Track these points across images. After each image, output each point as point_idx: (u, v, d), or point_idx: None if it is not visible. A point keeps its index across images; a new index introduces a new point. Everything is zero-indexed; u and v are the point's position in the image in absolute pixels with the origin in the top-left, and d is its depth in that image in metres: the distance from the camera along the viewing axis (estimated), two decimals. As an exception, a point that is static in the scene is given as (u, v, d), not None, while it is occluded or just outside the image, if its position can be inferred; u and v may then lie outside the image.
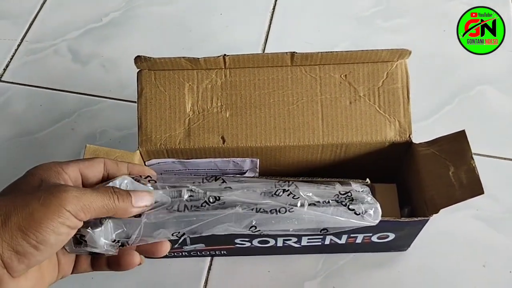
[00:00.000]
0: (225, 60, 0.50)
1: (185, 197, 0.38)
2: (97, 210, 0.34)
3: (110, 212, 0.35)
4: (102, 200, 0.34)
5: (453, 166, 0.46)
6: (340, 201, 0.40)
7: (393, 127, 0.50)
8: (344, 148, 0.51)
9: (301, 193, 0.40)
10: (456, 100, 0.67)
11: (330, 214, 0.39)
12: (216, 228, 0.38)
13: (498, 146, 0.63)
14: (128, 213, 0.36)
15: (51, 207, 0.31)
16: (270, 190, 0.40)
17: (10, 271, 0.31)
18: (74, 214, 0.32)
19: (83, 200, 0.33)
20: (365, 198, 0.41)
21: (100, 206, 0.34)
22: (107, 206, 0.34)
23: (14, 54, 0.74)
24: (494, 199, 0.59)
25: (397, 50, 0.49)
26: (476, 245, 0.57)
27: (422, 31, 0.74)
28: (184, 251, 0.54)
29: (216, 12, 0.78)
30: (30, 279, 0.34)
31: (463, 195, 0.44)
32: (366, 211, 0.40)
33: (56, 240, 0.32)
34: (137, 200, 0.36)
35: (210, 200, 0.38)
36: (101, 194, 0.34)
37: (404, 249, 0.56)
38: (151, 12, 0.78)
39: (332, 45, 0.73)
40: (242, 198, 0.39)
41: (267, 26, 0.76)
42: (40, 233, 0.31)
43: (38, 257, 0.32)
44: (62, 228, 0.32)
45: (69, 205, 0.32)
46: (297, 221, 0.39)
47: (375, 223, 0.40)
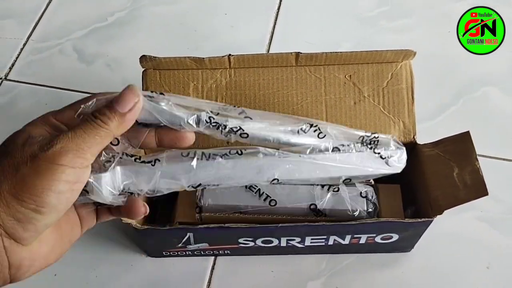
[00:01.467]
0: (229, 60, 0.50)
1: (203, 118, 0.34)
2: (92, 147, 0.30)
3: (108, 138, 0.31)
4: (89, 133, 0.30)
5: (458, 167, 0.46)
6: (366, 144, 0.38)
7: (397, 128, 0.50)
8: (348, 148, 0.51)
9: (328, 130, 0.37)
10: (460, 101, 0.67)
11: (354, 160, 0.37)
12: (235, 180, 0.36)
13: (503, 147, 0.63)
14: (127, 124, 0.32)
15: (41, 167, 0.29)
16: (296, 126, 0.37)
17: (19, 240, 0.29)
18: (69, 165, 0.29)
19: (70, 146, 0.29)
20: (390, 143, 0.39)
21: (92, 141, 0.30)
22: (99, 135, 0.31)
23: (20, 53, 0.75)
24: (499, 200, 0.59)
25: (402, 51, 0.49)
26: (480, 247, 0.56)
27: (426, 31, 0.74)
28: (187, 250, 0.54)
29: (221, 12, 0.78)
30: (46, 242, 0.32)
31: (468, 196, 0.44)
32: (391, 155, 0.38)
33: (58, 200, 0.29)
34: (121, 105, 0.32)
35: (232, 129, 0.34)
36: (83, 128, 0.30)
37: (408, 250, 0.56)
38: (156, 12, 0.78)
39: (336, 45, 0.73)
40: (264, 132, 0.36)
41: (272, 26, 0.76)
42: (37, 196, 0.29)
43: (44, 221, 0.30)
44: (60, 185, 0.29)
45: (58, 158, 0.29)
46: (319, 170, 0.36)
47: (400, 168, 0.38)
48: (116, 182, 0.33)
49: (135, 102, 0.32)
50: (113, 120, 0.31)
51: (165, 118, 0.34)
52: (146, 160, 0.35)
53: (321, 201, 0.49)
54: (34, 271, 0.32)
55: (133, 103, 0.32)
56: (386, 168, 0.37)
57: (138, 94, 0.32)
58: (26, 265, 0.31)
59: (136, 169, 0.33)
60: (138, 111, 0.32)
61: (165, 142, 0.36)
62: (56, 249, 0.33)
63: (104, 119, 0.31)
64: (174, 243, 0.52)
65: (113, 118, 0.31)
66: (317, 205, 0.49)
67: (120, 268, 0.56)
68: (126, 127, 0.32)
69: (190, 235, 0.50)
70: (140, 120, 0.34)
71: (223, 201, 0.49)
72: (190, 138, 0.36)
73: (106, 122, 0.31)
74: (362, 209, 0.48)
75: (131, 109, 0.32)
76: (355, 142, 0.37)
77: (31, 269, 0.31)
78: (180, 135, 0.35)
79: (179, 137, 0.35)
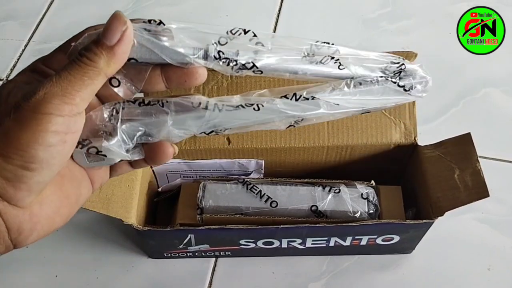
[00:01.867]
0: (231, 62, 0.50)
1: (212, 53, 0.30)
2: (81, 90, 0.27)
3: (99, 77, 0.27)
4: (75, 75, 0.27)
5: (459, 168, 0.46)
6: (390, 76, 0.35)
7: (398, 130, 0.50)
8: (349, 150, 0.51)
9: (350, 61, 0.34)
10: (461, 103, 0.67)
11: (375, 94, 0.34)
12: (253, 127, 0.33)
13: (504, 149, 0.63)
14: (117, 59, 0.28)
15: (25, 118, 0.25)
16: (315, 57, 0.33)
17: (13, 202, 0.27)
18: (56, 113, 0.26)
19: (55, 91, 0.26)
20: (417, 72, 0.36)
21: (80, 83, 0.27)
22: (87, 75, 0.27)
23: (21, 55, 0.75)
24: (500, 202, 0.59)
25: (403, 52, 0.49)
26: (481, 248, 0.56)
27: (427, 33, 0.74)
28: (188, 251, 0.54)
29: (222, 14, 0.78)
30: (48, 203, 0.29)
31: (469, 197, 0.44)
32: (415, 86, 0.36)
33: (48, 153, 0.26)
34: (107, 36, 0.27)
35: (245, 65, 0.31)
36: (68, 70, 0.27)
37: (409, 251, 0.56)
38: (157, 13, 0.78)
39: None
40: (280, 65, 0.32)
41: (273, 27, 0.76)
42: (24, 151, 0.26)
43: (37, 178, 0.27)
44: (48, 137, 0.26)
45: (42, 106, 0.25)
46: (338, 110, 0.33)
47: (422, 96, 0.36)
48: (128, 138, 0.30)
49: (123, 31, 0.27)
50: (101, 56, 0.27)
51: (168, 55, 0.30)
52: (152, 101, 0.31)
53: (322, 203, 0.49)
54: (39, 235, 0.29)
55: (120, 32, 0.27)
56: (408, 98, 0.36)
57: (124, 21, 0.28)
58: (27, 228, 0.28)
59: (145, 116, 0.30)
60: (128, 41, 0.28)
61: (173, 81, 0.32)
62: (62, 210, 0.30)
63: (91, 56, 0.27)
64: (175, 244, 0.52)
65: (100, 53, 0.27)
66: (318, 207, 0.49)
67: (121, 269, 0.56)
68: (118, 63, 0.28)
69: (191, 236, 0.50)
70: (141, 60, 0.30)
71: (224, 202, 0.49)
72: (202, 74, 0.31)
73: (93, 59, 0.27)
74: (363, 211, 0.49)
75: (120, 40, 0.27)
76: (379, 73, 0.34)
77: (34, 233, 0.29)
78: (190, 71, 0.31)
79: (188, 74, 0.31)
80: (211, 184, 0.51)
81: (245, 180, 0.51)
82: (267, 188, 0.50)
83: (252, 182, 0.50)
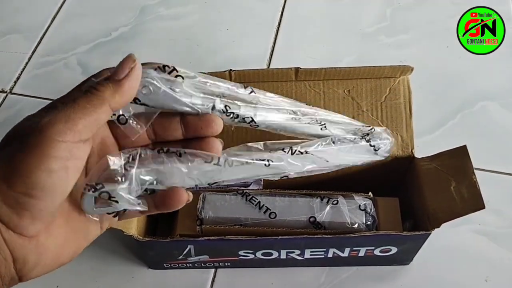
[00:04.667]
0: (231, 75, 0.51)
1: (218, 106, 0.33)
2: (84, 117, 0.27)
3: (103, 107, 0.28)
4: (79, 102, 0.27)
5: (455, 180, 0.46)
6: (362, 135, 0.41)
7: (395, 142, 0.51)
8: (347, 162, 0.52)
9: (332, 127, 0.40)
10: (459, 115, 0.68)
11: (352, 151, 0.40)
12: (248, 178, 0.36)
13: (501, 161, 0.64)
14: (123, 93, 0.29)
15: (29, 143, 0.26)
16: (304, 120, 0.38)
17: (17, 230, 0.27)
18: (58, 138, 0.26)
19: (59, 117, 0.26)
20: (383, 134, 0.42)
21: (83, 110, 0.27)
22: (91, 103, 0.27)
23: (25, 67, 0.76)
24: (497, 214, 0.59)
25: (399, 66, 0.50)
26: (479, 260, 0.57)
27: (425, 46, 0.75)
28: (188, 262, 0.54)
29: (223, 27, 0.79)
30: (54, 236, 0.29)
31: (465, 209, 0.44)
32: (380, 146, 0.41)
33: (51, 179, 0.26)
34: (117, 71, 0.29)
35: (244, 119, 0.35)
36: (73, 97, 0.27)
37: (406, 262, 0.56)
38: (159, 27, 0.80)
39: (336, 60, 0.74)
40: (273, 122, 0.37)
41: (273, 41, 0.77)
42: (27, 177, 0.26)
43: (40, 205, 0.27)
44: (50, 162, 0.26)
45: (45, 131, 0.26)
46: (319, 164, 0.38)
47: (385, 156, 0.42)
48: (138, 184, 0.30)
49: (131, 68, 0.29)
50: (107, 87, 0.28)
51: (180, 105, 0.32)
52: (170, 150, 0.32)
53: (320, 214, 0.49)
54: (44, 268, 0.29)
55: (129, 68, 0.29)
56: (376, 157, 0.42)
57: (134, 60, 0.29)
58: (32, 259, 0.28)
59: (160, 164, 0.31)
60: (135, 78, 0.29)
61: (191, 128, 0.33)
62: (69, 245, 0.30)
63: (98, 86, 0.28)
64: (175, 255, 0.52)
65: (107, 84, 0.28)
66: (316, 218, 0.49)
67: (121, 280, 0.56)
68: (124, 97, 0.29)
69: (191, 247, 0.51)
70: (153, 105, 0.31)
71: (224, 213, 0.50)
72: (218, 124, 0.33)
73: (99, 89, 0.28)
74: (361, 222, 0.49)
75: (128, 75, 0.29)
76: (354, 134, 0.40)
77: (39, 266, 0.29)
78: (206, 119, 0.32)
79: (205, 121, 0.32)
80: (211, 195, 0.51)
81: (244, 191, 0.51)
82: (266, 199, 0.51)
83: (251, 193, 0.51)
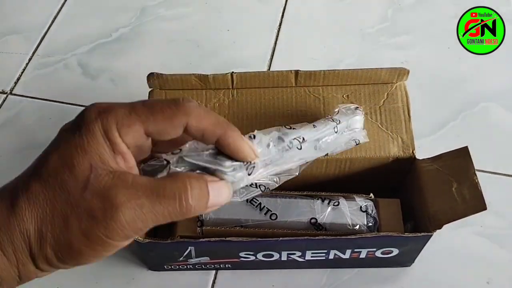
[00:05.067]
0: (232, 78, 0.51)
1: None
2: (156, 223, 0.26)
3: (171, 220, 0.26)
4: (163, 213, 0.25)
5: (456, 182, 0.46)
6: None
7: (396, 143, 0.51)
8: (349, 163, 0.52)
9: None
10: (460, 116, 0.68)
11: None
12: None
13: (503, 162, 0.64)
14: (195, 215, 0.27)
15: (95, 240, 0.25)
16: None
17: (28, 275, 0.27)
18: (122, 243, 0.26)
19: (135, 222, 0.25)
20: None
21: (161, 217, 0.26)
22: (171, 215, 0.26)
23: (25, 68, 0.76)
24: (498, 215, 0.59)
25: (396, 69, 0.50)
26: (480, 262, 0.57)
27: (426, 48, 0.75)
28: (188, 264, 0.54)
29: (223, 28, 0.79)
30: None
31: (466, 211, 0.44)
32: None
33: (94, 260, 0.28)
34: (213, 198, 0.27)
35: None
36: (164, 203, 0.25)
37: (408, 264, 0.56)
38: (160, 28, 0.79)
39: (337, 61, 0.74)
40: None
41: (273, 42, 0.77)
42: (79, 261, 0.27)
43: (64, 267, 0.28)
44: (103, 255, 0.27)
45: (117, 236, 0.25)
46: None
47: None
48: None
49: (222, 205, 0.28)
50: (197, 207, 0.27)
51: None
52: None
53: (321, 215, 0.49)
54: None
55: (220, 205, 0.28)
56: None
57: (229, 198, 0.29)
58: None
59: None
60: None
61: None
62: None
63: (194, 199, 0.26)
64: (176, 256, 0.52)
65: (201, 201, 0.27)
66: (318, 219, 0.49)
67: (121, 281, 0.56)
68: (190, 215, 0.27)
69: (192, 249, 0.50)
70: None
71: (224, 215, 0.50)
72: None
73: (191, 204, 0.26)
74: (362, 223, 0.49)
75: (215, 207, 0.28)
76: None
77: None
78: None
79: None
80: (212, 196, 0.51)
81: (245, 193, 0.51)
82: (266, 200, 0.50)
83: (252, 195, 0.51)
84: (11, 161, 0.66)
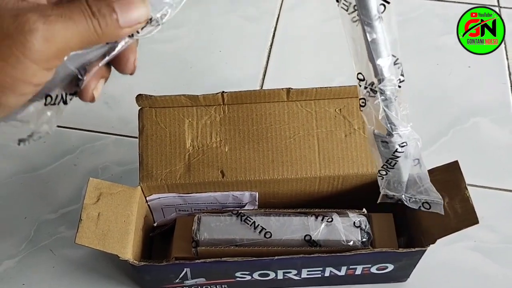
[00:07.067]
0: (223, 97, 0.51)
1: None
2: (73, 47, 0.26)
3: (91, 43, 0.26)
4: (77, 31, 0.25)
5: (448, 196, 0.46)
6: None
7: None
8: (341, 179, 0.52)
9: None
10: (451, 132, 0.69)
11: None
12: None
13: (494, 177, 0.64)
14: (116, 38, 0.27)
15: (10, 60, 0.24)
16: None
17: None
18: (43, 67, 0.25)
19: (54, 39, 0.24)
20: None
21: (76, 41, 0.25)
22: (86, 38, 0.25)
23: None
24: (491, 230, 0.59)
25: None
26: (474, 276, 0.57)
27: (416, 64, 0.76)
28: (185, 286, 0.54)
29: (215, 49, 0.80)
30: None
31: (458, 225, 0.45)
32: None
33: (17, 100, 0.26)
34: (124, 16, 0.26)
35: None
36: (75, 22, 0.25)
37: (403, 280, 0.56)
38: (153, 50, 0.80)
39: (328, 79, 0.75)
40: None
41: (265, 61, 0.78)
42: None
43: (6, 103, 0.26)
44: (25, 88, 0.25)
45: (34, 53, 0.24)
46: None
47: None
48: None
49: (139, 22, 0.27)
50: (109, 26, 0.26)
51: None
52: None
53: (315, 232, 0.49)
54: None
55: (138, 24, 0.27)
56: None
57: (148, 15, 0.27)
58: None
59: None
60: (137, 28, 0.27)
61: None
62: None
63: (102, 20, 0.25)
64: (171, 278, 0.52)
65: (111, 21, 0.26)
66: (312, 236, 0.49)
67: (117, 305, 0.56)
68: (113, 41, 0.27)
69: (187, 270, 0.50)
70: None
71: (219, 234, 0.50)
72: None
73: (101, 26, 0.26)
74: (356, 239, 0.49)
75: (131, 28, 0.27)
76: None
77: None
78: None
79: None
80: (206, 216, 0.51)
81: (239, 212, 0.51)
82: (260, 219, 0.51)
83: (246, 214, 0.51)
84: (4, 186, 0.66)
